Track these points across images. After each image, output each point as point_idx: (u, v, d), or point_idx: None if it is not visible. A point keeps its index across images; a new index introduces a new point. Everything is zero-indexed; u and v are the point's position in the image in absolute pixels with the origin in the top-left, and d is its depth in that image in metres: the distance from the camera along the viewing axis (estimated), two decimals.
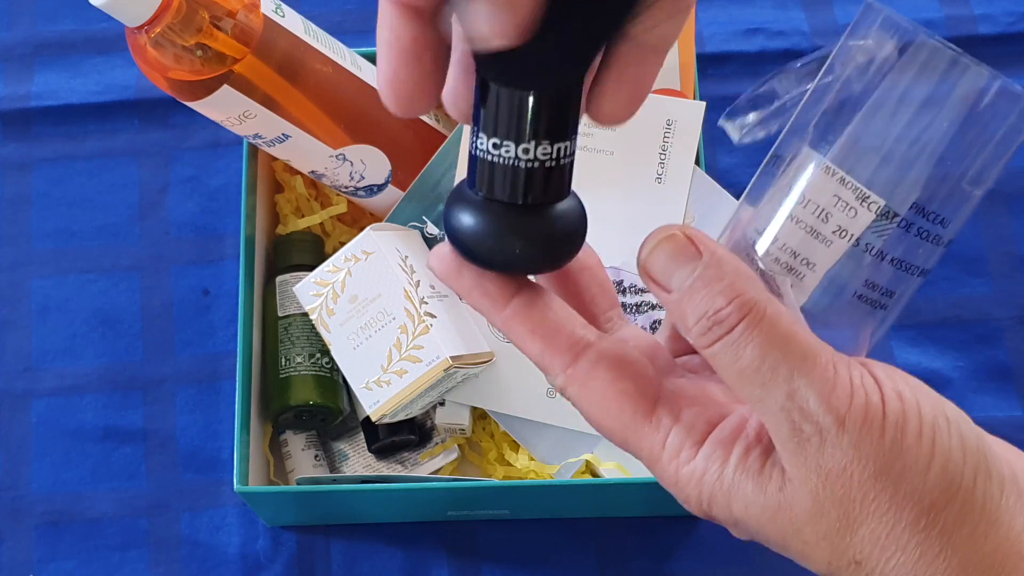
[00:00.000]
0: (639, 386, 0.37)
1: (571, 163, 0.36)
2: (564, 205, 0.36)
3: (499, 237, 0.36)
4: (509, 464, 0.79)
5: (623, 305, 0.74)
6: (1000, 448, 0.37)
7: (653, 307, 0.74)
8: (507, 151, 0.34)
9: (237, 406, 0.73)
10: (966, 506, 0.34)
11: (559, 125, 0.35)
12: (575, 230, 0.37)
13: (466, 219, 0.36)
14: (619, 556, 0.78)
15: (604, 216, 0.74)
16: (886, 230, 0.39)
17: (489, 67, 0.34)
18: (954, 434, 0.35)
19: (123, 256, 0.87)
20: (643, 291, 0.74)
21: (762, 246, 0.40)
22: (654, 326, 0.74)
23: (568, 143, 0.35)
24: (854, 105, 0.39)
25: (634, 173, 0.74)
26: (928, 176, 0.39)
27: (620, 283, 0.74)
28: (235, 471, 0.71)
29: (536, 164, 0.35)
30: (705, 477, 0.36)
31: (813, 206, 0.39)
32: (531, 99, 0.34)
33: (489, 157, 0.35)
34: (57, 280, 0.86)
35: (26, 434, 0.82)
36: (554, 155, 0.35)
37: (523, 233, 0.36)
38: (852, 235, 0.39)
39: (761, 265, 0.40)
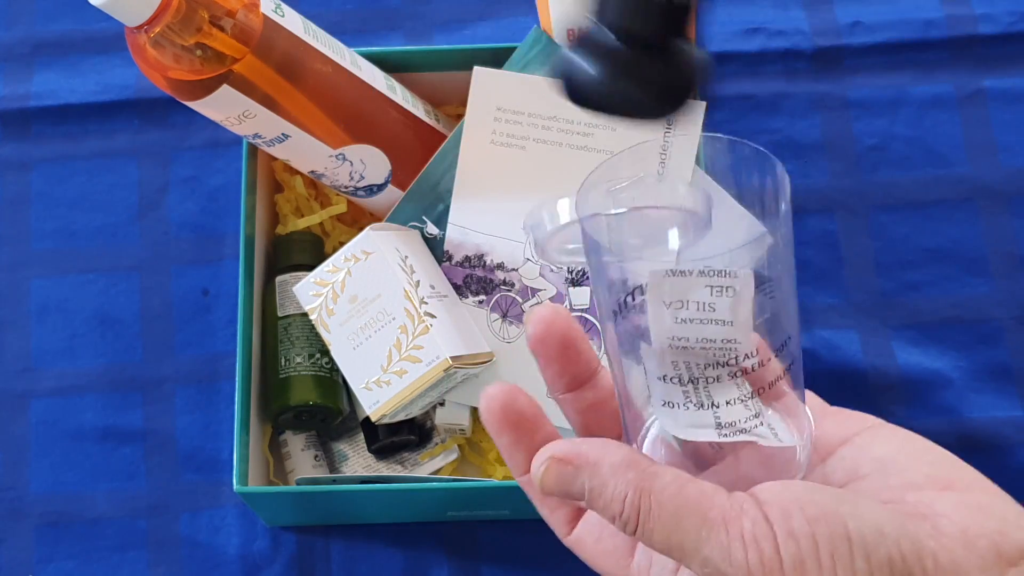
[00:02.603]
0: (616, 543, 0.44)
1: None
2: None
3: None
4: None
5: None
6: (958, 514, 0.37)
7: None
8: None
9: (237, 406, 0.73)
10: None
11: None
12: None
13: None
14: None
15: None
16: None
17: None
18: (858, 555, 0.35)
19: (122, 256, 0.87)
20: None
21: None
22: None
23: None
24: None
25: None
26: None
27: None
28: (235, 471, 0.71)
29: None
30: None
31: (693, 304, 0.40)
32: None
33: None
34: (56, 280, 0.86)
35: (25, 434, 0.82)
36: None
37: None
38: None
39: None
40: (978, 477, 0.39)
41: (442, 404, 0.78)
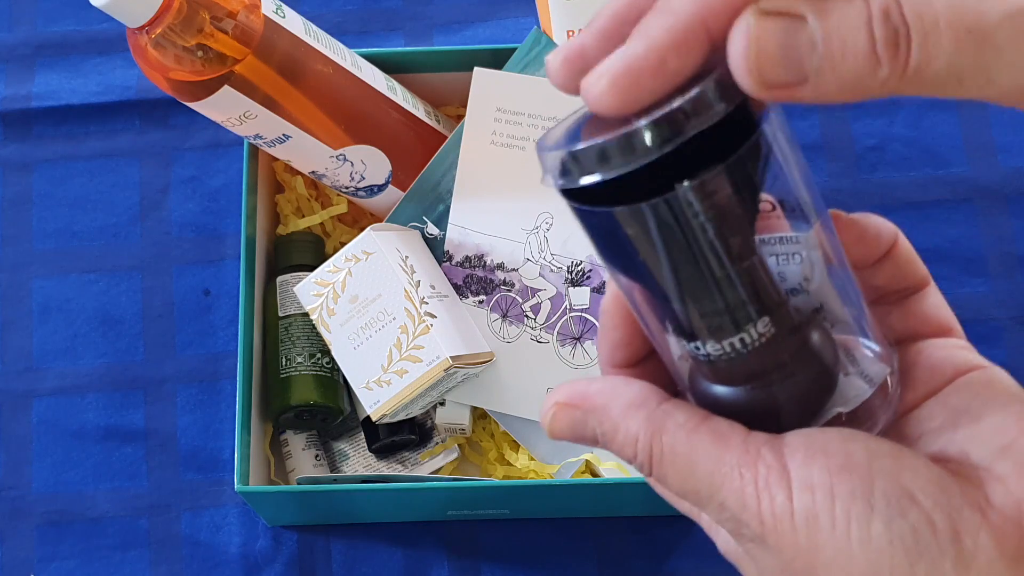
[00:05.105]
0: None
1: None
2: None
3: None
4: (509, 464, 0.79)
5: None
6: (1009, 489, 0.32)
7: None
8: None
9: (238, 406, 0.73)
10: None
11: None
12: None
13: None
14: (619, 556, 0.79)
15: None
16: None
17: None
18: (878, 519, 0.31)
19: (124, 256, 0.87)
20: None
21: None
22: None
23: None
24: None
25: None
26: None
27: None
28: (236, 471, 0.71)
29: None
30: (726, 547, 0.38)
31: None
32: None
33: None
34: (58, 280, 0.86)
35: (27, 434, 0.82)
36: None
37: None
38: None
39: None
40: None
41: (442, 404, 0.78)
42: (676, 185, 0.31)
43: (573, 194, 0.32)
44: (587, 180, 0.31)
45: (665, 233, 0.32)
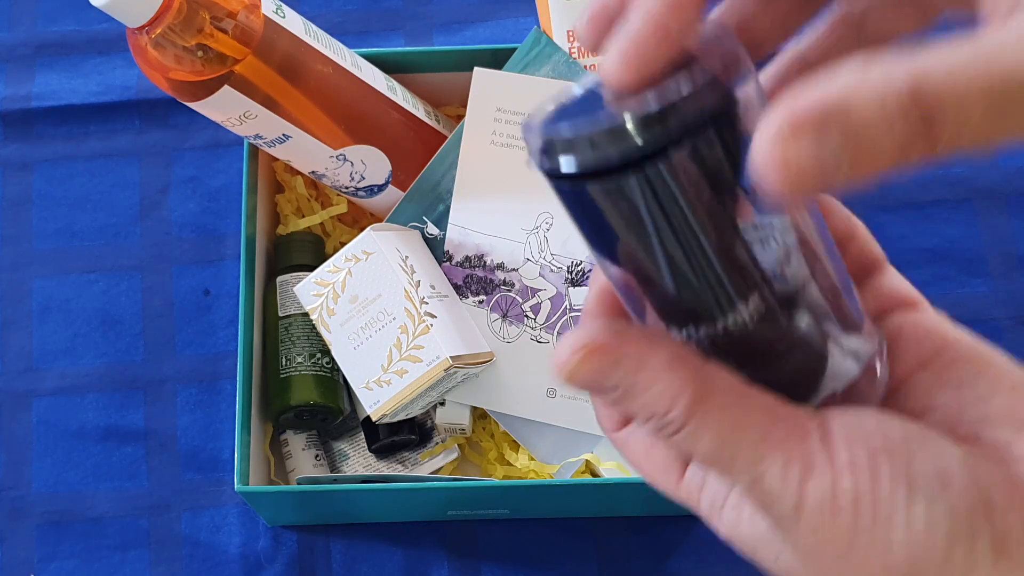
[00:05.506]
0: (667, 458, 0.38)
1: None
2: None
3: None
4: (509, 464, 0.79)
5: None
6: None
7: None
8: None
9: (238, 406, 0.73)
10: None
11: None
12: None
13: None
14: (619, 556, 0.79)
15: None
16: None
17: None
18: (918, 501, 0.31)
19: (124, 256, 0.87)
20: None
21: None
22: None
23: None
24: None
25: None
26: None
27: None
28: (236, 471, 0.71)
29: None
30: (734, 532, 0.37)
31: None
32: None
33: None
34: (58, 280, 0.86)
35: (27, 434, 0.82)
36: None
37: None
38: None
39: None
40: None
41: (442, 404, 0.78)
42: (647, 162, 0.30)
43: (553, 172, 0.32)
44: (567, 165, 0.31)
45: (644, 208, 0.31)
